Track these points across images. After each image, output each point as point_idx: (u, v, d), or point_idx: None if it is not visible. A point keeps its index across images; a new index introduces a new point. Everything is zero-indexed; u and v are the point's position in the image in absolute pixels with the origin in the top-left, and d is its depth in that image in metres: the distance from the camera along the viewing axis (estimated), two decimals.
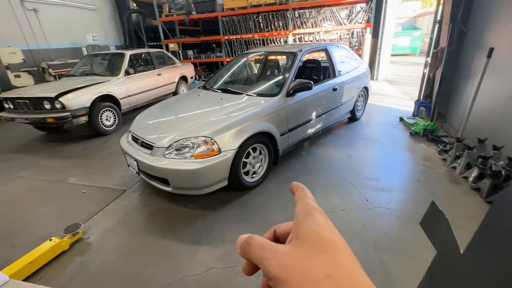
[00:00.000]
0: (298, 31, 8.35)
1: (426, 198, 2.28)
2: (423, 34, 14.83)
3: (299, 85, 2.71)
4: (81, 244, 2.00)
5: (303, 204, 0.25)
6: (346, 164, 2.95)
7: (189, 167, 2.05)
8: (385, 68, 7.95)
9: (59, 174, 3.11)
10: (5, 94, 4.04)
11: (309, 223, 0.23)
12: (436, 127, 3.50)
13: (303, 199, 0.26)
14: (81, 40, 9.04)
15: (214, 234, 2.01)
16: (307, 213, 0.24)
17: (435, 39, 3.88)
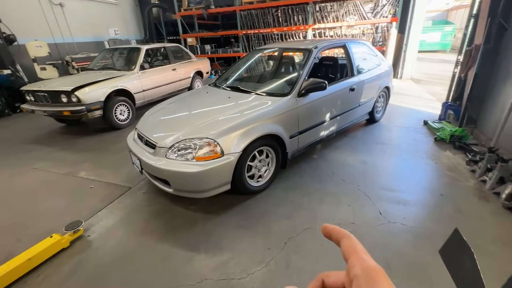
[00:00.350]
0: (318, 26, 8.01)
1: (449, 215, 2.04)
2: (455, 29, 13.76)
3: (312, 84, 2.53)
4: (81, 242, 2.00)
5: (360, 263, 0.23)
6: (361, 171, 2.74)
7: (189, 170, 1.96)
8: (411, 65, 7.44)
9: (71, 167, 3.18)
10: (27, 87, 4.20)
11: None
12: (465, 133, 3.16)
13: (357, 254, 0.24)
14: (104, 34, 9.29)
15: (213, 240, 1.92)
16: (369, 279, 0.21)
17: (470, 36, 3.50)
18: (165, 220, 2.19)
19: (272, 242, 1.87)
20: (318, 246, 1.81)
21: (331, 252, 1.74)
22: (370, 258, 0.23)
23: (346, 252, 0.25)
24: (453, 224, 1.94)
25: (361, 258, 0.23)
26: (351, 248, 0.25)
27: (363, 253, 0.24)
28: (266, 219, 2.12)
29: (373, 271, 0.22)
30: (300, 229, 1.98)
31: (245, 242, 1.89)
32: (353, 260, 0.23)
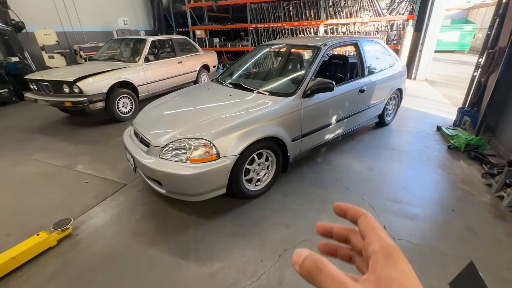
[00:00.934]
0: (331, 22, 7.73)
1: (460, 234, 1.88)
2: (475, 29, 13.14)
3: (318, 85, 2.37)
4: (69, 240, 1.93)
5: (379, 240, 0.24)
6: (366, 179, 2.58)
7: (182, 172, 1.86)
8: (426, 66, 7.11)
9: (69, 160, 3.13)
10: (30, 75, 4.16)
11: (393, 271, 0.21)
12: (482, 142, 2.95)
13: (376, 232, 0.25)
14: (113, 24, 9.23)
15: (204, 248, 1.82)
16: (388, 255, 0.22)
17: (493, 37, 3.24)
18: (158, 221, 2.10)
19: (266, 254, 1.76)
20: None
21: None
22: (387, 236, 0.24)
23: (364, 229, 0.26)
24: (464, 244, 1.79)
25: (380, 236, 0.24)
26: (369, 226, 0.25)
27: (381, 231, 0.25)
28: (262, 226, 2.00)
29: (391, 249, 0.22)
30: (297, 240, 1.86)
31: (238, 252, 1.78)
32: (372, 237, 0.24)
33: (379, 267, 0.22)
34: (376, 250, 0.23)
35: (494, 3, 11.64)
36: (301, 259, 0.24)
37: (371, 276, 0.22)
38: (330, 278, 0.21)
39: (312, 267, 0.22)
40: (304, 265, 0.23)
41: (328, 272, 0.22)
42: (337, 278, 0.21)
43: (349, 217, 0.29)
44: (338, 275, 0.22)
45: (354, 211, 0.28)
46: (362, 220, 0.27)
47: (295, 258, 0.24)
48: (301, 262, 0.23)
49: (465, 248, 1.75)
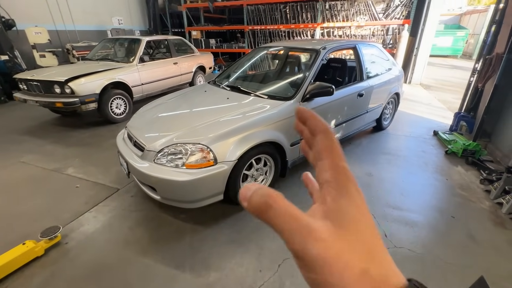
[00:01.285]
0: (327, 25, 7.75)
1: (461, 242, 1.85)
2: (468, 34, 13.38)
3: (318, 88, 2.33)
4: (57, 250, 1.84)
5: (334, 167, 0.21)
6: (365, 185, 2.55)
7: (177, 178, 1.78)
8: (421, 70, 7.17)
9: (59, 163, 3.02)
10: (20, 75, 4.03)
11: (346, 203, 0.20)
12: (480, 148, 2.95)
13: (332, 157, 0.22)
14: (107, 23, 9.07)
15: (200, 257, 1.75)
16: (341, 186, 0.20)
17: (490, 43, 3.26)
18: (151, 229, 2.02)
19: (264, 263, 1.70)
20: None
21: None
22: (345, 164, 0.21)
23: (321, 151, 0.22)
24: (466, 253, 1.76)
25: (335, 164, 0.21)
26: (327, 149, 0.22)
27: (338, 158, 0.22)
28: (260, 234, 1.94)
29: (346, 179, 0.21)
30: None
31: (235, 261, 1.71)
32: (326, 164, 0.22)
33: (330, 199, 0.20)
34: (328, 180, 0.21)
35: (486, 9, 11.84)
36: (249, 194, 0.21)
37: (321, 207, 0.20)
38: (280, 214, 0.19)
39: (261, 202, 0.20)
40: (252, 200, 0.20)
41: (278, 207, 0.20)
42: (288, 213, 0.19)
43: (309, 128, 0.24)
44: (289, 210, 0.19)
45: (314, 124, 0.23)
46: (320, 139, 0.23)
47: (243, 192, 0.21)
48: (249, 197, 0.21)
49: (466, 257, 1.72)
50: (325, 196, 0.21)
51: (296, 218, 0.19)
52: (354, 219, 0.19)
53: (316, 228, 0.19)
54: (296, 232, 0.19)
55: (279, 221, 0.19)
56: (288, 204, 0.20)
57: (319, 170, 0.22)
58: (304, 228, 0.19)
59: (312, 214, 0.21)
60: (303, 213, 0.20)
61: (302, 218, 0.19)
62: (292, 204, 0.20)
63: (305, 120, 0.25)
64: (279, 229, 0.19)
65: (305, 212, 0.21)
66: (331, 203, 0.20)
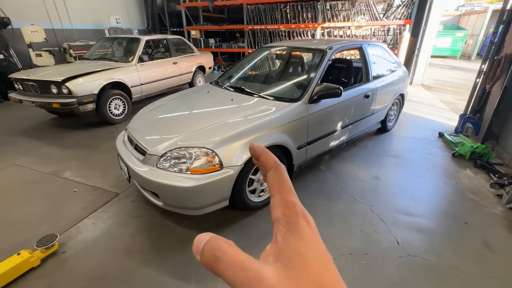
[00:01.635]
0: (328, 25, 7.68)
1: (477, 250, 1.78)
2: (467, 35, 13.40)
3: (325, 90, 2.26)
4: (54, 259, 1.74)
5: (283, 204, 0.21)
6: (373, 188, 2.48)
7: (182, 184, 1.70)
8: (422, 71, 7.13)
9: (56, 166, 2.91)
10: (15, 74, 3.91)
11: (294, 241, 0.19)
12: (488, 151, 2.90)
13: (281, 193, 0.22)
14: (105, 22, 8.94)
15: (205, 268, 1.66)
16: (290, 223, 0.20)
17: (497, 44, 3.20)
18: (153, 236, 1.93)
19: None
20: None
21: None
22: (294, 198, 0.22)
23: (271, 188, 0.23)
24: (483, 262, 1.69)
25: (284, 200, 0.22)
26: (276, 185, 0.23)
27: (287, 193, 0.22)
28: (267, 241, 1.83)
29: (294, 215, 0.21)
30: None
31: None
32: (276, 201, 0.22)
33: (280, 237, 0.20)
34: (278, 218, 0.21)
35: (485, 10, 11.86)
36: (201, 246, 0.20)
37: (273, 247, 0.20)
38: (229, 266, 0.18)
39: (210, 256, 0.19)
40: (203, 254, 0.20)
41: (227, 259, 0.19)
42: (237, 265, 0.18)
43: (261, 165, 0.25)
44: (238, 261, 0.19)
45: (265, 160, 0.25)
46: (270, 176, 0.24)
47: (196, 244, 0.20)
48: (201, 250, 0.20)
49: (484, 266, 1.66)
50: (276, 235, 0.20)
51: (245, 269, 0.18)
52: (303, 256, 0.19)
53: (266, 276, 0.18)
54: (246, 284, 0.18)
55: (229, 273, 0.18)
56: (239, 253, 0.19)
57: (271, 208, 0.22)
58: (254, 278, 0.18)
59: (265, 257, 0.20)
60: (254, 260, 0.19)
61: (252, 267, 0.18)
62: (243, 253, 0.19)
63: (258, 157, 0.26)
64: (230, 282, 0.18)
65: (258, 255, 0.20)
66: (281, 242, 0.20)
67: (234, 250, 0.20)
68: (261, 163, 0.25)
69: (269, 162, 0.24)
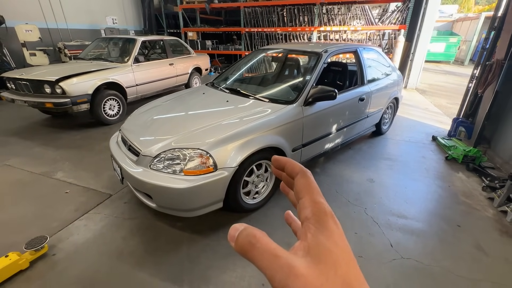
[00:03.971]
0: (324, 28, 7.75)
1: (470, 253, 1.80)
2: (460, 41, 13.64)
3: (320, 92, 2.27)
4: (44, 262, 1.70)
5: (312, 204, 0.23)
6: (367, 191, 2.49)
7: (175, 185, 1.68)
8: (416, 75, 7.23)
9: (48, 166, 2.86)
10: (8, 73, 3.85)
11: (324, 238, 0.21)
12: (480, 154, 2.94)
13: (310, 195, 0.24)
14: (101, 22, 8.88)
15: (198, 271, 1.64)
16: (320, 222, 0.22)
17: (489, 49, 3.27)
18: (146, 239, 1.91)
19: None
20: None
21: None
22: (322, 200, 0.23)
23: (299, 190, 0.25)
24: (476, 265, 1.71)
25: (315, 201, 0.23)
26: (304, 187, 0.24)
27: (316, 195, 0.24)
28: None
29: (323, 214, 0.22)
30: None
31: (236, 274, 1.62)
32: (305, 202, 0.23)
33: (310, 235, 0.21)
34: (308, 217, 0.22)
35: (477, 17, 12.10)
36: (236, 234, 0.22)
37: (303, 244, 0.21)
38: (263, 253, 0.20)
39: (245, 242, 0.21)
40: (238, 240, 0.22)
41: (260, 246, 0.21)
42: (270, 252, 0.20)
43: (287, 172, 0.28)
44: (271, 249, 0.20)
45: (291, 168, 0.27)
46: (298, 180, 0.25)
47: (231, 233, 0.23)
48: (236, 237, 0.22)
49: (477, 270, 1.67)
50: (306, 233, 0.21)
51: (278, 256, 0.20)
52: (332, 253, 0.20)
53: (296, 265, 0.19)
54: (278, 270, 0.19)
55: (261, 259, 0.20)
56: (271, 242, 0.21)
57: (300, 208, 0.23)
58: (285, 266, 0.19)
59: (294, 252, 0.21)
60: (285, 251, 0.20)
61: (283, 256, 0.20)
62: (275, 243, 0.21)
63: (283, 166, 0.28)
64: (262, 267, 0.20)
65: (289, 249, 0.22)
66: (311, 239, 0.21)
67: (267, 239, 0.21)
68: (287, 171, 0.27)
69: (296, 168, 0.26)
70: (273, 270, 0.19)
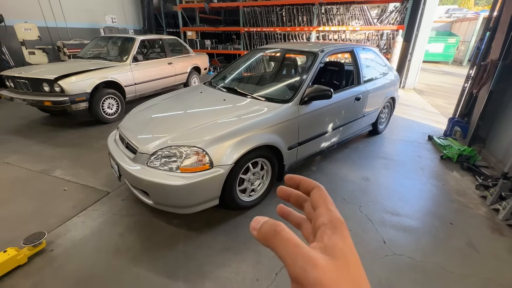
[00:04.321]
0: (323, 28, 7.78)
1: (461, 250, 1.83)
2: (458, 41, 13.68)
3: (316, 92, 2.29)
4: (42, 257, 1.73)
5: (328, 212, 0.26)
6: (362, 189, 2.52)
7: (172, 182, 1.71)
8: (414, 75, 7.27)
9: (46, 164, 2.89)
10: (7, 72, 3.87)
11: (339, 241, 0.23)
12: (475, 153, 2.97)
13: (326, 205, 0.27)
14: (100, 21, 8.89)
15: (194, 266, 1.67)
16: (335, 227, 0.24)
17: (484, 49, 3.30)
18: (143, 235, 1.93)
19: (261, 272, 1.63)
20: None
21: None
22: (336, 210, 0.26)
23: (316, 201, 0.27)
24: (467, 261, 1.74)
25: (330, 210, 0.26)
26: (321, 199, 0.27)
27: (331, 205, 0.26)
28: (257, 242, 1.87)
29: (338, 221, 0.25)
30: None
31: (231, 270, 1.65)
32: (322, 210, 0.26)
33: (327, 237, 0.23)
34: (325, 223, 0.25)
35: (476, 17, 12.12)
36: (259, 225, 0.25)
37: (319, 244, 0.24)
38: (286, 241, 0.23)
39: (270, 230, 0.24)
40: (261, 229, 0.24)
41: (285, 234, 0.23)
42: (293, 241, 0.23)
43: (302, 189, 0.30)
44: (294, 239, 0.23)
45: (307, 184, 0.30)
46: (315, 193, 0.28)
47: (253, 224, 0.25)
48: (259, 227, 0.25)
49: (468, 266, 1.70)
50: (322, 236, 0.24)
51: (300, 246, 0.22)
52: (345, 255, 0.22)
53: (316, 257, 0.21)
54: (299, 257, 0.21)
55: (284, 246, 0.22)
56: (292, 233, 0.23)
57: (317, 216, 0.26)
58: (306, 255, 0.21)
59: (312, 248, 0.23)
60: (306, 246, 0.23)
61: (305, 247, 0.22)
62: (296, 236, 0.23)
63: (298, 183, 0.31)
64: (283, 253, 0.22)
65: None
66: (327, 241, 0.23)
67: (290, 231, 0.24)
68: (303, 187, 0.30)
69: (311, 183, 0.30)
70: (295, 256, 0.21)
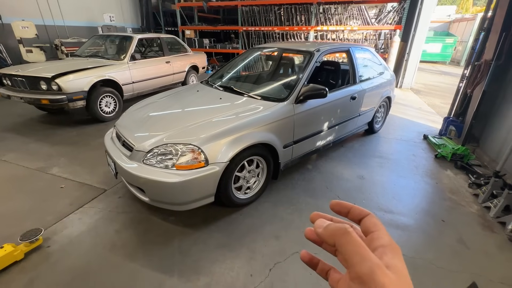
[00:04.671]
0: (321, 28, 7.81)
1: (452, 246, 1.86)
2: (456, 41, 13.75)
3: (311, 91, 2.32)
4: (38, 253, 1.75)
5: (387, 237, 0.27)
6: (357, 187, 2.55)
7: (167, 179, 1.73)
8: (411, 75, 7.31)
9: (43, 162, 2.90)
10: (4, 70, 3.87)
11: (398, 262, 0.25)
12: (468, 152, 3.01)
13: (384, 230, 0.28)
14: (98, 20, 8.88)
15: (189, 262, 1.70)
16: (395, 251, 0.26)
17: (478, 50, 3.33)
18: (139, 232, 1.95)
19: (255, 268, 1.66)
20: (307, 275, 1.61)
21: (322, 283, 1.54)
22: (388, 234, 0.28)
23: (372, 226, 0.29)
24: (457, 258, 1.77)
25: (388, 235, 0.28)
26: (377, 224, 0.29)
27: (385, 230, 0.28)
28: (252, 238, 1.91)
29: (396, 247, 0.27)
30: (288, 252, 1.78)
31: (225, 266, 1.67)
32: (381, 233, 0.28)
33: (387, 258, 0.25)
34: (384, 245, 0.26)
35: (474, 18, 12.18)
36: (326, 224, 0.28)
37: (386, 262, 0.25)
38: (356, 242, 0.25)
39: (339, 228, 0.26)
40: (329, 227, 0.27)
41: (354, 235, 0.25)
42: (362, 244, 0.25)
43: (352, 216, 0.31)
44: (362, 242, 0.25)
45: (359, 211, 0.31)
46: (369, 219, 0.29)
47: (318, 223, 0.29)
48: (325, 225, 0.28)
49: (458, 262, 1.73)
50: (382, 256, 0.25)
51: (368, 250, 0.24)
52: (404, 275, 0.24)
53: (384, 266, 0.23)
54: (367, 259, 0.24)
55: (353, 246, 0.25)
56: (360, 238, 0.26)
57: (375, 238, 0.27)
58: (375, 259, 0.24)
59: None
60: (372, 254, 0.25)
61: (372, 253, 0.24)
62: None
63: (348, 210, 0.31)
64: (351, 251, 0.25)
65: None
66: (388, 261, 0.25)
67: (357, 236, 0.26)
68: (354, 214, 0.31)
69: (363, 211, 0.30)
70: (363, 257, 0.24)
